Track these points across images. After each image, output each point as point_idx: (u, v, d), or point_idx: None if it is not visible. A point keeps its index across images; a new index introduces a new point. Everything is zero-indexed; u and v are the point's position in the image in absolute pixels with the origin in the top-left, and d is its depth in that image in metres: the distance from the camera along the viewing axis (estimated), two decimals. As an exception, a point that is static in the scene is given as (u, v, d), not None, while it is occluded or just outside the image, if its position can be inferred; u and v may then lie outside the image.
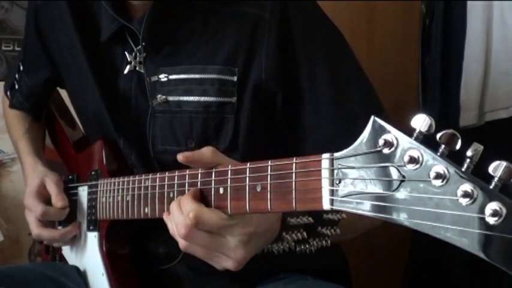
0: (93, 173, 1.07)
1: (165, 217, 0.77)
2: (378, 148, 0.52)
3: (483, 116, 1.65)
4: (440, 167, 0.47)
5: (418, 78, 1.76)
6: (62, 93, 1.27)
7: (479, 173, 0.47)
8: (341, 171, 0.55)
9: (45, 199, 1.09)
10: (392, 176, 0.51)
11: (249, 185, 0.67)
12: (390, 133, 0.51)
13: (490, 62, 1.62)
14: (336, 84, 0.95)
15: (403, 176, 0.50)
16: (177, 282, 1.03)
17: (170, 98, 0.97)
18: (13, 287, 0.98)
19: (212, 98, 0.94)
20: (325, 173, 0.57)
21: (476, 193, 0.45)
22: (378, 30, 1.72)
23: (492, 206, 0.44)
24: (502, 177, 0.45)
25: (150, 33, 0.98)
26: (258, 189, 0.65)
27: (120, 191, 0.95)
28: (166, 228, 0.77)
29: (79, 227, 1.10)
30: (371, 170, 0.52)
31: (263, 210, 0.65)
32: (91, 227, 1.06)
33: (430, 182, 0.48)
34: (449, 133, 0.49)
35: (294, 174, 0.61)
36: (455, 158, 0.48)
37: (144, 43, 0.99)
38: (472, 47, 1.62)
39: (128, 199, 0.91)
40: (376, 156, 0.52)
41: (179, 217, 0.72)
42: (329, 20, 0.99)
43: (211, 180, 0.73)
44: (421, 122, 0.50)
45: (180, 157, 0.73)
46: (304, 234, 0.74)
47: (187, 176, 0.77)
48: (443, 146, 0.49)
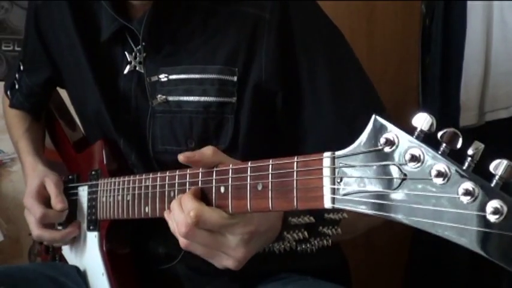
0: (94, 172, 1.07)
1: (166, 215, 0.77)
2: (379, 147, 0.52)
3: (483, 116, 1.65)
4: (442, 166, 0.47)
5: (418, 78, 1.76)
6: (62, 93, 1.27)
7: (480, 171, 0.47)
8: (342, 170, 0.55)
9: (45, 200, 1.08)
10: (394, 175, 0.51)
11: (250, 183, 0.67)
12: (391, 132, 0.51)
13: (490, 62, 1.61)
14: (337, 84, 0.95)
15: (404, 175, 0.50)
16: (177, 282, 1.03)
17: (170, 98, 0.97)
18: (13, 287, 0.98)
19: (212, 98, 0.94)
20: (326, 171, 0.57)
21: (477, 191, 0.46)
22: (378, 30, 1.72)
23: (493, 204, 0.44)
24: (503, 176, 0.45)
25: (150, 33, 0.98)
26: (259, 188, 0.65)
27: (120, 190, 0.95)
28: (167, 227, 0.77)
29: (79, 227, 1.10)
30: (372, 168, 0.52)
31: (264, 209, 0.65)
32: (91, 227, 1.06)
33: (431, 180, 0.48)
34: (450, 132, 0.49)
35: (295, 173, 0.61)
36: (456, 156, 0.49)
37: (144, 43, 0.99)
38: (472, 47, 1.62)
39: (128, 199, 0.91)
40: (377, 154, 0.52)
41: (180, 215, 0.72)
42: (329, 20, 0.99)
43: (212, 179, 0.73)
44: (422, 120, 0.50)
45: (181, 157, 0.73)
46: (305, 233, 0.74)
47: (188, 175, 0.77)
48: (444, 144, 0.49)
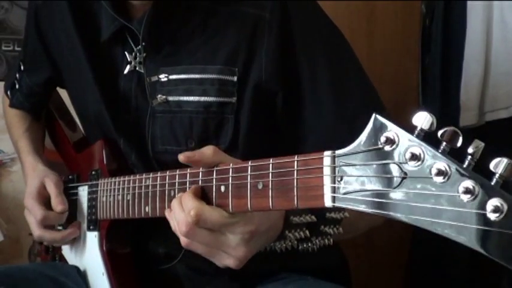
0: (94, 172, 1.07)
1: (166, 214, 0.78)
2: (380, 145, 0.52)
3: (483, 116, 1.65)
4: (442, 164, 0.47)
5: (418, 78, 1.76)
6: (62, 93, 1.27)
7: (480, 170, 0.47)
8: (343, 169, 0.55)
9: (45, 200, 1.09)
10: (394, 173, 0.51)
11: (250, 182, 0.67)
12: (391, 130, 0.51)
13: (490, 62, 1.61)
14: (337, 83, 0.95)
15: (405, 173, 0.50)
16: (177, 282, 1.03)
17: (170, 98, 0.97)
18: (13, 287, 0.98)
19: (212, 98, 0.94)
20: (326, 170, 0.57)
21: (477, 190, 0.46)
22: (378, 30, 1.72)
23: (493, 202, 0.45)
24: (503, 174, 0.45)
25: (150, 33, 0.98)
26: (260, 186, 0.65)
27: (120, 190, 0.95)
28: (167, 227, 0.78)
29: (79, 227, 1.10)
30: (372, 167, 0.52)
31: (265, 207, 0.65)
32: (91, 227, 1.06)
33: (431, 179, 0.48)
34: (450, 130, 0.49)
35: (295, 172, 0.61)
36: (456, 155, 0.49)
37: (144, 43, 0.99)
38: (472, 47, 1.62)
39: (129, 198, 0.91)
40: (377, 153, 0.52)
41: (180, 214, 0.72)
42: (329, 20, 0.99)
43: (212, 178, 0.73)
44: (423, 119, 0.50)
45: (181, 157, 0.73)
46: (306, 232, 0.74)
47: (188, 175, 0.77)
48: (444, 143, 0.49)
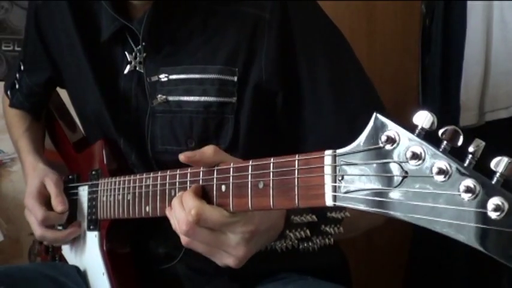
0: (94, 172, 1.07)
1: (167, 212, 0.78)
2: (380, 144, 0.52)
3: (483, 116, 1.65)
4: (443, 163, 0.47)
5: (418, 78, 1.76)
6: (62, 93, 1.27)
7: (480, 169, 0.47)
8: (343, 168, 0.55)
9: (46, 200, 1.09)
10: (395, 173, 0.51)
11: (251, 182, 0.67)
12: (392, 129, 0.51)
13: (490, 62, 1.61)
14: (337, 83, 0.95)
15: (406, 172, 0.50)
16: (177, 282, 1.03)
17: (170, 98, 0.97)
18: (13, 287, 0.98)
19: (212, 98, 0.94)
20: (327, 169, 0.57)
21: (478, 188, 0.46)
22: (378, 30, 1.72)
23: (494, 201, 0.45)
24: (503, 173, 0.45)
25: (150, 33, 0.98)
26: (260, 186, 0.65)
27: (120, 190, 0.95)
28: (167, 227, 0.78)
29: (79, 226, 1.10)
30: (373, 166, 0.52)
31: (265, 207, 0.65)
32: (91, 227, 1.06)
33: (432, 177, 0.48)
34: (451, 129, 0.49)
35: (296, 171, 0.61)
36: (457, 154, 0.49)
37: (144, 43, 0.99)
38: (472, 47, 1.62)
39: (129, 198, 0.91)
40: (378, 152, 0.52)
41: (181, 213, 0.72)
42: (329, 20, 0.99)
43: (213, 178, 0.73)
44: (423, 118, 0.50)
45: (181, 157, 0.73)
46: (307, 232, 0.74)
47: (188, 174, 0.77)
48: (445, 142, 0.49)
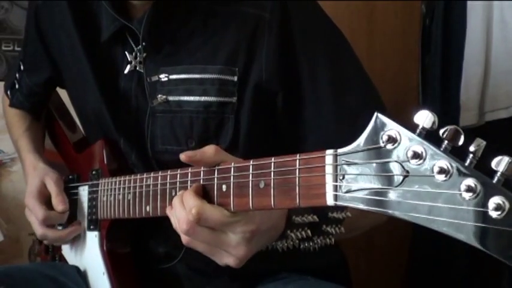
0: (94, 172, 1.07)
1: (168, 211, 0.77)
2: (381, 144, 0.52)
3: (483, 116, 1.65)
4: (444, 162, 0.48)
5: (418, 78, 1.76)
6: (62, 93, 1.27)
7: (481, 169, 0.47)
8: (344, 167, 0.55)
9: (46, 199, 1.09)
10: (396, 172, 0.51)
11: (252, 181, 0.67)
12: (393, 129, 0.51)
13: (490, 62, 1.62)
14: (337, 83, 0.95)
15: (407, 172, 0.50)
16: (177, 282, 1.03)
17: (170, 98, 0.97)
18: (13, 287, 0.98)
19: (212, 98, 0.94)
20: (329, 168, 0.57)
21: (479, 188, 0.46)
22: (378, 30, 1.72)
23: (495, 200, 0.45)
24: (504, 172, 0.46)
25: (150, 33, 0.98)
26: (261, 185, 0.65)
27: (121, 189, 0.95)
28: (167, 227, 0.77)
29: (80, 225, 1.10)
30: (374, 165, 0.52)
31: (266, 206, 0.65)
32: (91, 227, 1.06)
33: (433, 177, 0.48)
34: (452, 129, 0.49)
35: (297, 171, 0.61)
36: (457, 154, 0.49)
37: (144, 43, 0.99)
38: (472, 47, 1.62)
39: (129, 198, 0.91)
40: (379, 152, 0.52)
41: (181, 212, 0.72)
42: (329, 20, 0.99)
43: (213, 177, 0.73)
44: (424, 118, 0.50)
45: (182, 157, 0.73)
46: (308, 232, 0.74)
47: (189, 174, 0.77)
48: (446, 141, 0.49)
